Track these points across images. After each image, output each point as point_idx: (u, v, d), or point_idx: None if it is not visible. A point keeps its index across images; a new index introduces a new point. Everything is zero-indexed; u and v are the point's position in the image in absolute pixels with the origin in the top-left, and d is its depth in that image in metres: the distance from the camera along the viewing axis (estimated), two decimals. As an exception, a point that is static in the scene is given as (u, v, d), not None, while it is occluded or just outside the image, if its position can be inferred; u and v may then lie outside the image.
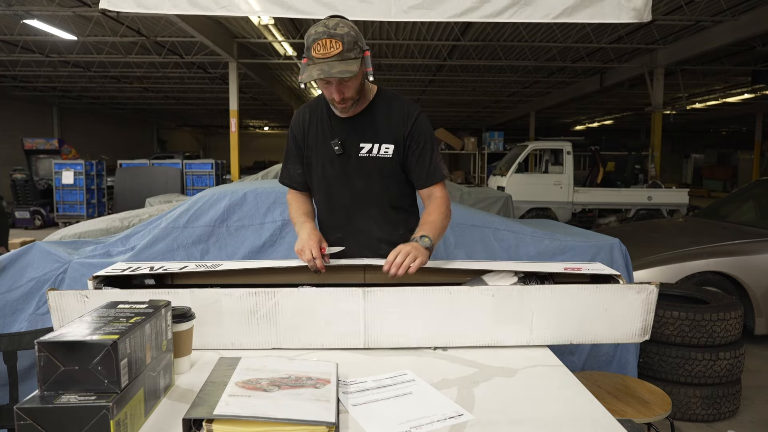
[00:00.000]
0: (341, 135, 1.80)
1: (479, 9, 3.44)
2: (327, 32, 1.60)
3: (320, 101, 1.88)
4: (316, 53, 1.60)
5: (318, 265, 1.63)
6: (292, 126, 1.91)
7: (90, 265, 2.49)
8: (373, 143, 1.80)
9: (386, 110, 1.82)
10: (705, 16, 8.97)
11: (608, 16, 3.44)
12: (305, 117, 1.88)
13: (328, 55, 1.59)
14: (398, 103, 1.84)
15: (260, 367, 1.16)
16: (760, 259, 4.12)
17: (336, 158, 1.82)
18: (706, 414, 3.04)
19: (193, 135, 33.48)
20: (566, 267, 1.66)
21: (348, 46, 1.61)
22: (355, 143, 1.81)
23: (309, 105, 1.92)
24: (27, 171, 11.89)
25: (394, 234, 1.87)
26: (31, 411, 0.86)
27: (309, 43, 1.63)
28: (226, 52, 10.61)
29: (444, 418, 1.06)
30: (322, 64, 1.59)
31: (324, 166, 1.84)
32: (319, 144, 1.84)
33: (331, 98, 1.71)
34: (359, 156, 1.81)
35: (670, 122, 17.89)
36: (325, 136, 1.83)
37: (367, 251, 1.83)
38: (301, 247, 1.67)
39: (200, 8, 3.48)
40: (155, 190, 9.81)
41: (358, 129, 1.81)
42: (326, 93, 1.71)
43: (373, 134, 1.80)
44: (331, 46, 1.59)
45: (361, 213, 1.86)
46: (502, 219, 3.01)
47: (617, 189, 10.11)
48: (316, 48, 1.60)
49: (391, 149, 1.81)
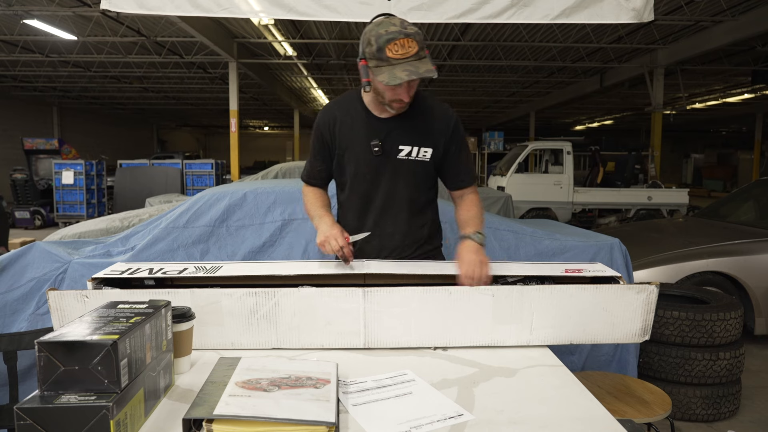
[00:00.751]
0: (380, 135, 1.77)
1: (478, 10, 3.44)
2: (402, 32, 1.56)
3: (353, 100, 1.83)
4: (394, 54, 1.55)
5: (346, 253, 1.61)
6: (319, 124, 1.86)
7: (90, 265, 2.49)
8: (413, 146, 1.78)
9: (427, 113, 1.80)
10: (705, 16, 8.97)
11: (607, 16, 3.43)
12: (334, 115, 1.83)
13: (407, 56, 1.55)
14: (437, 106, 1.82)
15: (260, 367, 1.16)
16: (760, 259, 4.12)
17: (372, 158, 1.78)
18: (706, 414, 3.04)
19: (193, 135, 33.48)
20: (567, 269, 1.65)
21: (420, 45, 1.58)
22: (394, 145, 1.78)
23: (337, 103, 1.87)
24: (27, 171, 11.89)
25: (419, 234, 1.87)
26: (31, 411, 0.86)
27: (381, 44, 1.56)
28: (226, 52, 10.62)
29: (444, 418, 1.06)
30: (405, 64, 1.55)
31: (358, 165, 1.81)
32: (354, 143, 1.80)
33: (395, 99, 1.66)
34: (398, 158, 1.78)
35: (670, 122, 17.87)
36: (362, 136, 1.78)
37: (392, 251, 1.83)
38: (324, 239, 1.64)
39: (202, 9, 3.48)
40: (155, 190, 9.81)
41: (399, 131, 1.78)
42: (390, 94, 1.66)
43: (414, 137, 1.78)
44: (409, 46, 1.55)
45: (391, 214, 1.84)
46: (502, 219, 3.01)
47: (617, 189, 10.11)
48: (393, 48, 1.55)
49: (429, 153, 1.79)
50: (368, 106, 1.80)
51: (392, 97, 1.67)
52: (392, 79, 1.56)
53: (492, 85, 16.61)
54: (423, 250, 1.89)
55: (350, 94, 1.87)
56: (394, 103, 1.69)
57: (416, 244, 1.87)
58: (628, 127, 27.31)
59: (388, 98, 1.68)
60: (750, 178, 19.71)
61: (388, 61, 1.57)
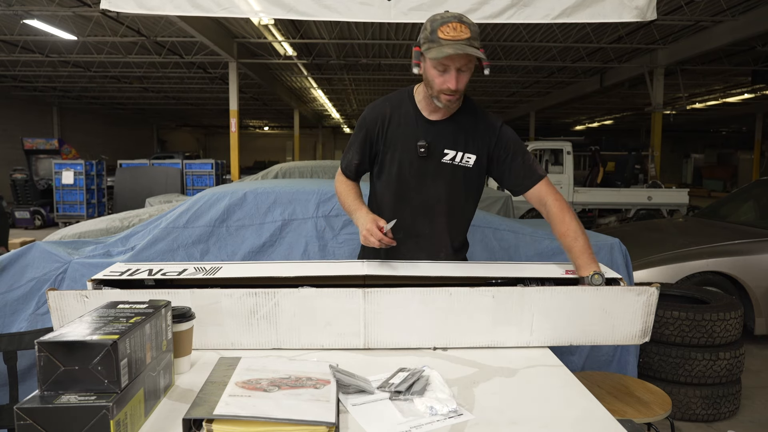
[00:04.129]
0: (427, 137, 1.78)
1: (478, 10, 3.43)
2: (457, 17, 1.62)
3: (405, 98, 1.83)
4: (446, 35, 1.58)
5: (386, 243, 1.62)
6: (367, 118, 1.84)
7: (90, 265, 2.49)
8: (457, 151, 1.79)
9: (473, 119, 1.81)
10: (705, 16, 8.97)
11: (610, 15, 3.39)
12: (386, 111, 1.82)
13: (458, 38, 1.58)
14: (484, 115, 1.83)
15: (260, 368, 1.16)
16: (760, 259, 4.12)
17: (417, 159, 1.79)
18: (706, 414, 3.04)
19: (193, 135, 33.48)
20: (567, 270, 1.65)
21: (474, 35, 1.61)
22: (440, 148, 1.78)
23: (389, 99, 1.86)
24: (27, 171, 11.88)
25: (455, 242, 1.88)
26: (31, 411, 0.86)
27: (435, 26, 1.61)
28: (226, 52, 10.62)
29: (444, 418, 1.06)
30: (454, 44, 1.58)
31: (401, 165, 1.81)
32: (400, 142, 1.80)
33: (444, 87, 1.66)
34: (441, 161, 1.79)
35: (670, 122, 17.89)
36: (410, 135, 1.79)
37: (425, 255, 1.82)
38: (365, 236, 1.64)
39: (201, 9, 3.48)
40: (155, 190, 9.80)
41: (446, 134, 1.78)
42: (439, 82, 1.66)
43: (460, 141, 1.78)
44: (462, 30, 1.59)
45: (428, 217, 1.84)
46: (502, 219, 3.01)
47: (617, 189, 10.11)
48: (445, 30, 1.59)
49: (472, 159, 1.79)
50: (419, 105, 1.80)
51: (441, 85, 1.66)
52: (439, 53, 1.58)
53: (492, 85, 16.61)
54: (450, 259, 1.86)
55: (402, 92, 1.87)
56: (443, 95, 1.67)
57: (452, 252, 1.86)
58: (628, 127, 27.31)
59: (437, 87, 1.67)
60: (750, 178, 19.71)
61: (439, 42, 1.60)
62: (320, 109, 23.89)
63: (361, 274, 1.60)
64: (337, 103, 22.24)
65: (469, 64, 1.64)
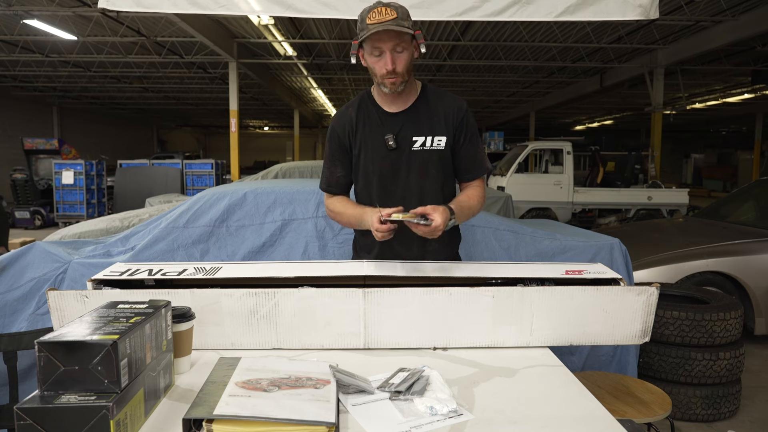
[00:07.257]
0: (394, 129, 1.80)
1: (480, 8, 3.42)
2: (384, 3, 1.66)
3: (364, 98, 1.86)
4: (372, 20, 1.63)
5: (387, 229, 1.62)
6: (336, 127, 1.86)
7: (90, 265, 2.49)
8: (426, 135, 1.80)
9: (436, 102, 1.83)
10: (705, 16, 8.97)
11: (613, 13, 3.36)
12: (352, 115, 1.84)
13: (383, 20, 1.62)
14: (447, 96, 1.86)
15: (260, 368, 1.16)
16: (760, 259, 4.12)
17: (388, 153, 1.80)
18: (706, 414, 3.04)
19: (193, 135, 33.47)
20: (567, 270, 1.65)
21: (402, 16, 1.65)
22: (408, 137, 1.80)
23: (350, 104, 1.89)
24: (27, 171, 11.88)
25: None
26: (31, 411, 0.86)
27: (363, 15, 1.67)
28: (226, 52, 10.62)
29: (444, 418, 1.06)
30: (378, 24, 1.62)
31: (374, 162, 1.82)
32: (369, 140, 1.82)
33: (383, 72, 1.69)
34: (413, 150, 1.80)
35: (670, 122, 17.89)
36: (377, 132, 1.81)
37: (414, 247, 1.84)
38: (375, 234, 1.63)
39: (200, 7, 3.47)
40: (155, 190, 9.81)
41: (411, 122, 1.81)
42: (378, 67, 1.70)
43: (426, 126, 1.80)
44: (387, 13, 1.63)
45: (413, 206, 1.81)
46: (502, 219, 3.00)
47: (617, 189, 10.10)
48: (371, 16, 1.64)
49: (443, 141, 1.81)
50: (378, 101, 1.83)
51: (380, 69, 1.70)
52: (362, 36, 1.65)
53: (492, 85, 16.61)
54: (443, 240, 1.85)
55: (361, 94, 1.90)
56: (386, 79, 1.71)
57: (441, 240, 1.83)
58: (628, 127, 27.30)
59: (378, 72, 1.71)
60: (750, 178, 19.70)
61: (367, 28, 1.64)
62: (320, 109, 23.89)
63: (361, 274, 1.60)
64: (337, 104, 22.23)
65: (402, 43, 1.68)
